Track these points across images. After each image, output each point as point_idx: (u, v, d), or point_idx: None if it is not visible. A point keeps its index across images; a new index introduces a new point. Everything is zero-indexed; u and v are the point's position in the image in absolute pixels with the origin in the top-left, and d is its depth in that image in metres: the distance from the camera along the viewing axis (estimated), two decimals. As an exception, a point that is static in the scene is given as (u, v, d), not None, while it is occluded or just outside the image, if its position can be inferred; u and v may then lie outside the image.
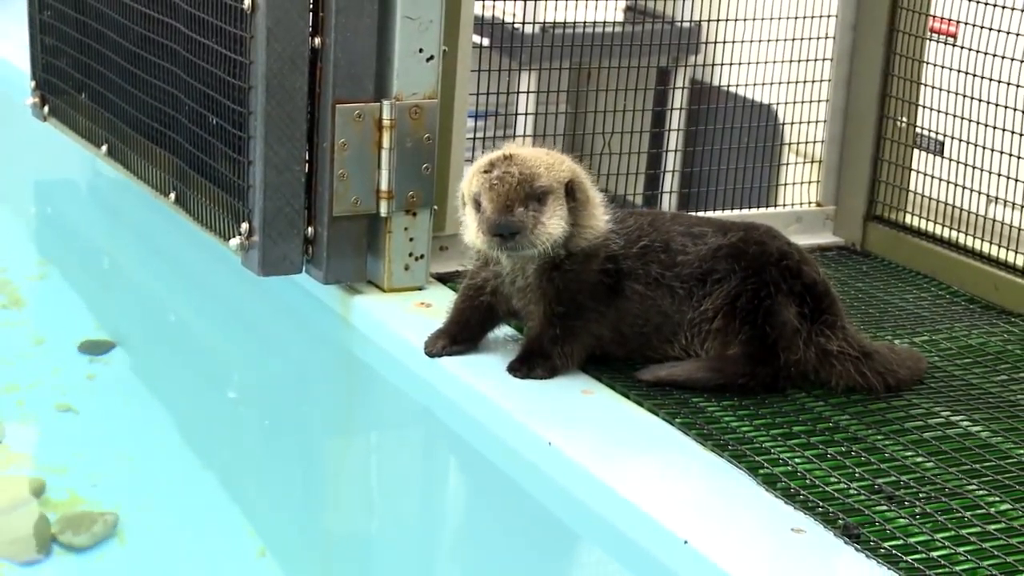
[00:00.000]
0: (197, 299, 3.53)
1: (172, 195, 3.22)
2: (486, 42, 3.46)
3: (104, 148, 3.58)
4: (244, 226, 2.87)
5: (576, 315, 2.57)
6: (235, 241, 2.88)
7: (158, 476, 2.70)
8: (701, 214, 3.13)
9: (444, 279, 3.05)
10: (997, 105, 3.14)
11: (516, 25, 3.86)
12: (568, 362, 2.59)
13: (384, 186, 2.88)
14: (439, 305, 2.86)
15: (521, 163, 2.47)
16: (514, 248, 2.47)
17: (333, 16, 2.80)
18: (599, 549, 2.37)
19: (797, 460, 2.34)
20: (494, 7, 3.72)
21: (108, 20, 3.49)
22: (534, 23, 3.87)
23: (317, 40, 2.82)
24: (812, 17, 3.55)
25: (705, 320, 2.57)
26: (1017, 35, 3.07)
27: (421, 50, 2.86)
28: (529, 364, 2.59)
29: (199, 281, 3.55)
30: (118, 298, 3.62)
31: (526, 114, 3.76)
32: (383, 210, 2.90)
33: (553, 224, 2.47)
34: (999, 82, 3.13)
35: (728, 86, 3.69)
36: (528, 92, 3.82)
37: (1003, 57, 3.11)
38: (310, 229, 2.90)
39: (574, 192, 2.52)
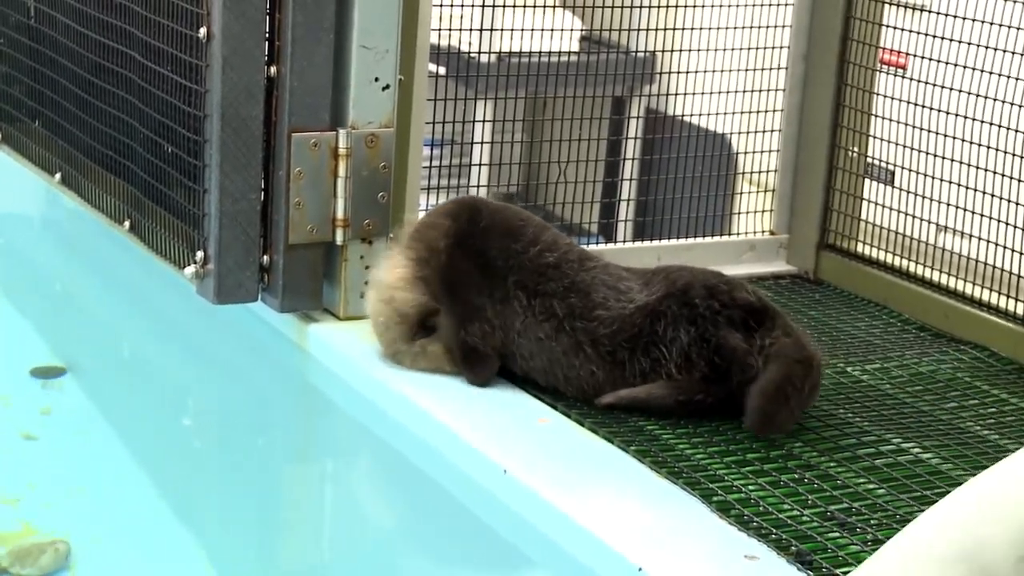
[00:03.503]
0: (152, 328, 3.51)
1: (127, 223, 3.21)
2: (442, 71, 3.47)
3: (58, 176, 3.56)
4: (199, 254, 2.86)
5: (456, 298, 2.64)
6: (190, 269, 2.88)
7: (111, 506, 2.68)
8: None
9: (400, 307, 3.05)
10: (946, 136, 3.19)
11: (472, 54, 3.88)
12: (474, 333, 2.62)
13: (340, 214, 2.89)
14: (395, 333, 2.86)
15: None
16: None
17: (289, 45, 2.80)
18: (554, 577, 2.38)
19: (751, 487, 2.35)
20: (450, 36, 3.74)
21: (62, 48, 3.48)
22: (490, 52, 3.89)
23: (273, 69, 2.82)
24: (765, 48, 3.59)
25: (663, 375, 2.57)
26: (964, 67, 3.12)
27: (377, 79, 2.88)
28: (466, 368, 2.64)
29: (154, 310, 3.54)
30: (72, 326, 3.60)
31: (482, 143, 3.78)
32: (339, 238, 2.90)
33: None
34: (948, 113, 3.17)
35: (683, 116, 3.73)
36: (484, 121, 3.84)
37: (952, 89, 3.16)
38: (266, 257, 2.90)
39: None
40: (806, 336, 2.66)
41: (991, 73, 3.06)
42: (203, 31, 2.78)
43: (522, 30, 3.72)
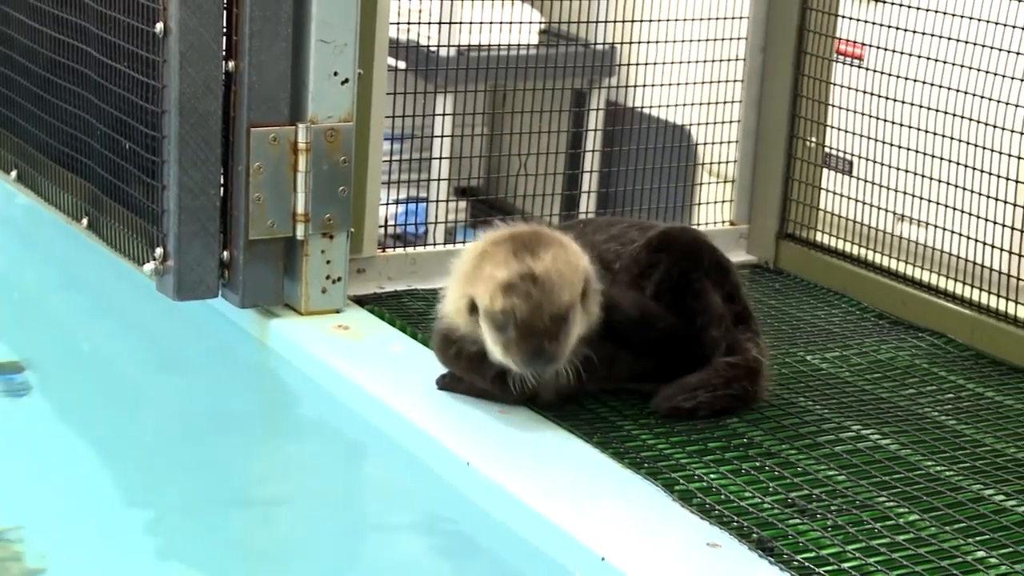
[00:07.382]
0: (112, 324, 3.49)
1: (85, 220, 3.19)
2: (402, 65, 3.47)
3: (14, 174, 3.54)
4: (159, 251, 2.85)
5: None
6: (150, 266, 2.87)
7: (71, 503, 2.66)
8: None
9: (362, 301, 3.05)
10: (902, 125, 3.22)
11: (432, 48, 3.88)
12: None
13: (300, 209, 2.88)
14: (357, 328, 2.86)
15: (547, 289, 2.36)
16: (546, 370, 2.41)
17: (247, 40, 2.79)
18: (517, 567, 2.38)
19: (712, 476, 2.37)
20: (409, 30, 3.73)
21: (17, 45, 3.45)
22: (450, 46, 3.89)
23: (231, 64, 2.81)
24: (723, 40, 3.61)
25: None
26: (920, 57, 3.15)
27: (336, 73, 2.87)
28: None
29: (114, 306, 3.52)
30: (31, 324, 3.57)
31: (443, 136, 3.78)
32: (299, 233, 2.89)
33: (576, 334, 2.42)
34: (904, 103, 3.20)
35: (643, 107, 3.74)
36: (445, 114, 3.84)
37: (907, 79, 3.19)
38: (226, 253, 2.89)
39: (586, 291, 2.46)
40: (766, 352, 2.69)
41: (947, 63, 3.09)
42: (160, 26, 2.76)
43: (481, 23, 3.73)
